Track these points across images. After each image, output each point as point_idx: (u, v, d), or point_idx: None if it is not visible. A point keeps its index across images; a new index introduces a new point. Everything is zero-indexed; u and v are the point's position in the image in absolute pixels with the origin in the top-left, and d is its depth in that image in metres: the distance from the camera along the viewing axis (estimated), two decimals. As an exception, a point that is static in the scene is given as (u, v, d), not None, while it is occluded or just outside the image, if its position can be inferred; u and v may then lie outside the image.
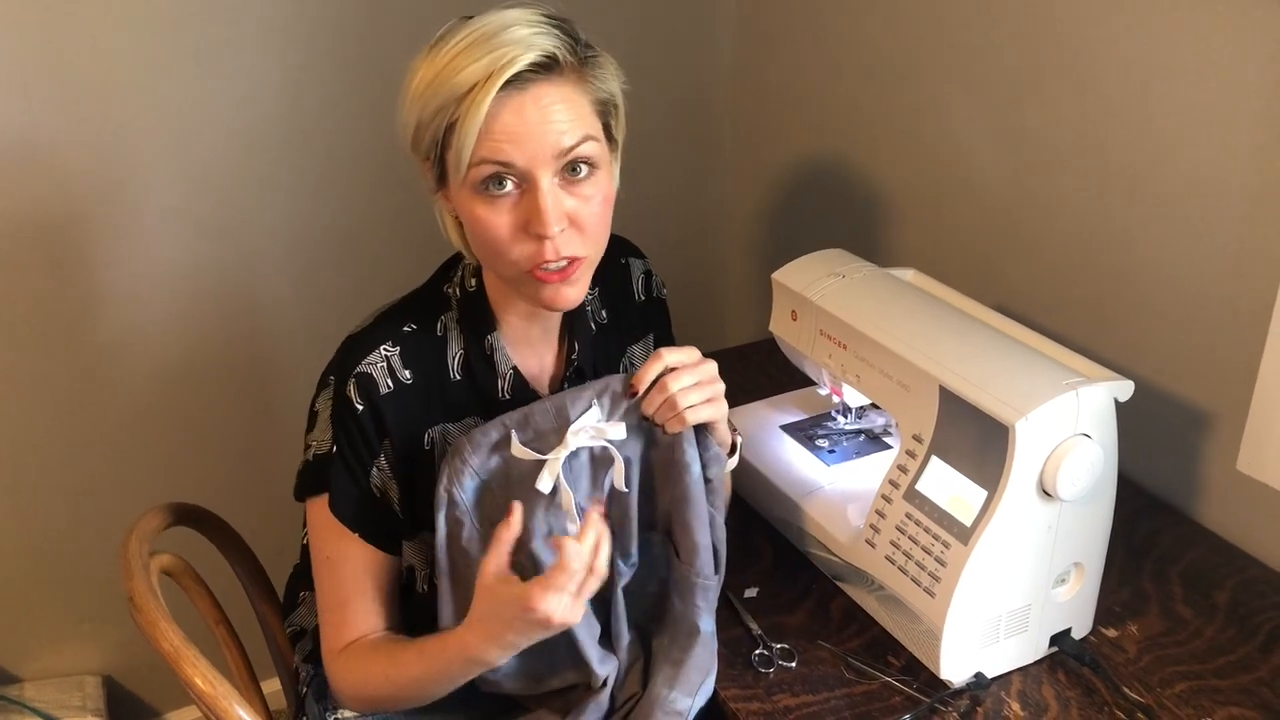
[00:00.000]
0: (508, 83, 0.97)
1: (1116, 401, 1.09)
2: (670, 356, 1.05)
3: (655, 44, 2.01)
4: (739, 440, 1.15)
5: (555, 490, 1.04)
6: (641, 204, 2.11)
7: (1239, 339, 1.28)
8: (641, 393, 1.05)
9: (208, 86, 1.68)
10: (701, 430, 1.08)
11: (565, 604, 0.97)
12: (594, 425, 1.04)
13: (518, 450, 1.03)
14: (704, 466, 1.08)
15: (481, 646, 1.03)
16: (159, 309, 1.77)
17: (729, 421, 1.12)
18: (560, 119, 1.00)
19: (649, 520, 1.11)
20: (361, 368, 1.09)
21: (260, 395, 1.89)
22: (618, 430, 1.05)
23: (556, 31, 1.01)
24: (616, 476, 1.06)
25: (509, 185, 1.01)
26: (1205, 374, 1.34)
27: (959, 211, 1.66)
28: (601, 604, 1.11)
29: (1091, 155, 1.42)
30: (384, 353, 1.10)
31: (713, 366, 1.07)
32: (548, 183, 1.00)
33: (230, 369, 1.86)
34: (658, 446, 1.08)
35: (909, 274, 1.35)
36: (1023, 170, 1.53)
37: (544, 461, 1.03)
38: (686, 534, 1.08)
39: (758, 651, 1.18)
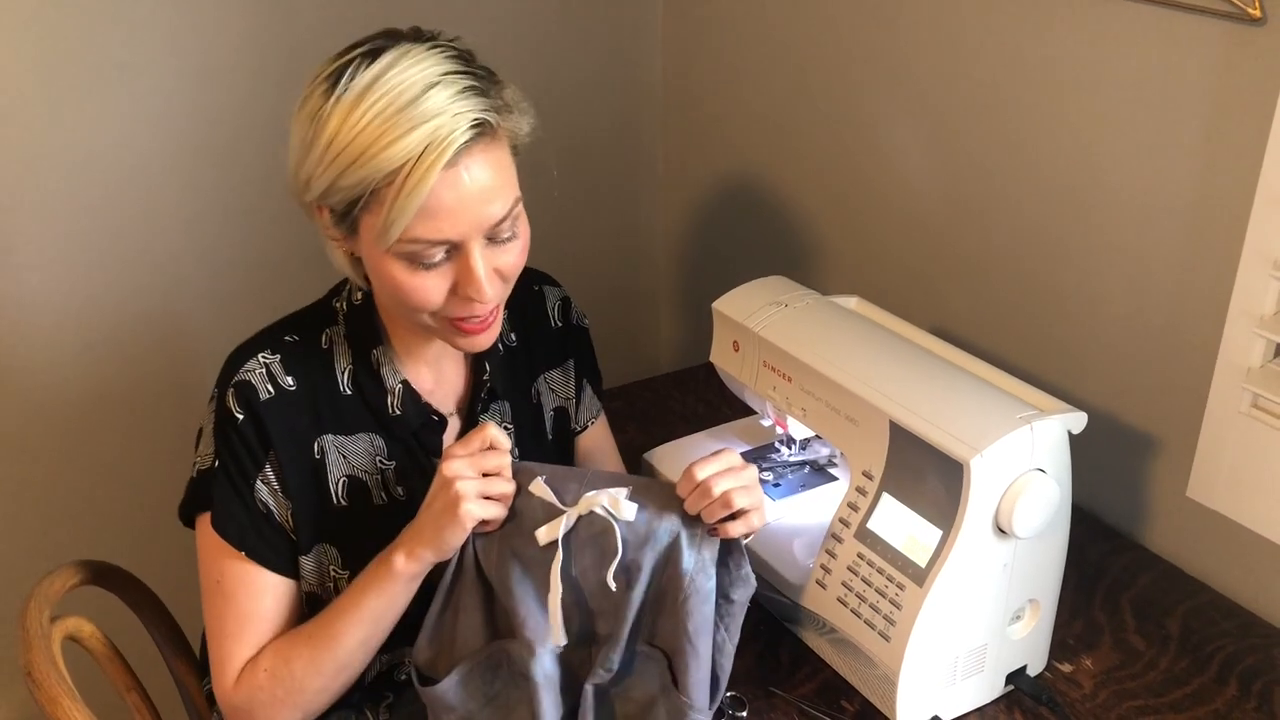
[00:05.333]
0: None
1: (1070, 433, 1.06)
2: (704, 470, 0.99)
3: (584, 65, 1.97)
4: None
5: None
6: (573, 227, 2.08)
7: (1187, 362, 1.27)
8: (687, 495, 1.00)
9: (108, 108, 1.60)
10: (736, 548, 1.02)
11: (465, 463, 0.98)
12: (610, 494, 1.00)
13: (537, 488, 1.01)
14: (730, 586, 1.02)
15: (403, 541, 1.02)
16: (59, 345, 1.67)
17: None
18: (491, 188, 0.97)
19: (644, 632, 1.03)
20: (240, 375, 1.05)
21: (173, 438, 1.79)
22: (629, 509, 1.00)
23: (473, 82, 0.96)
24: (609, 571, 1.00)
25: (439, 255, 0.98)
26: (1153, 398, 1.32)
27: (897, 234, 1.63)
28: (570, 694, 1.03)
29: (1029, 176, 1.40)
30: (263, 360, 1.06)
31: (753, 472, 1.03)
32: (479, 251, 0.99)
33: (141, 410, 1.76)
34: (676, 566, 1.00)
35: (852, 301, 1.31)
36: (960, 192, 1.51)
37: (553, 514, 1.00)
38: (698, 667, 1.00)
39: (707, 701, 1.13)
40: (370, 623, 1.03)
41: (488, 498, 0.99)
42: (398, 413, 1.10)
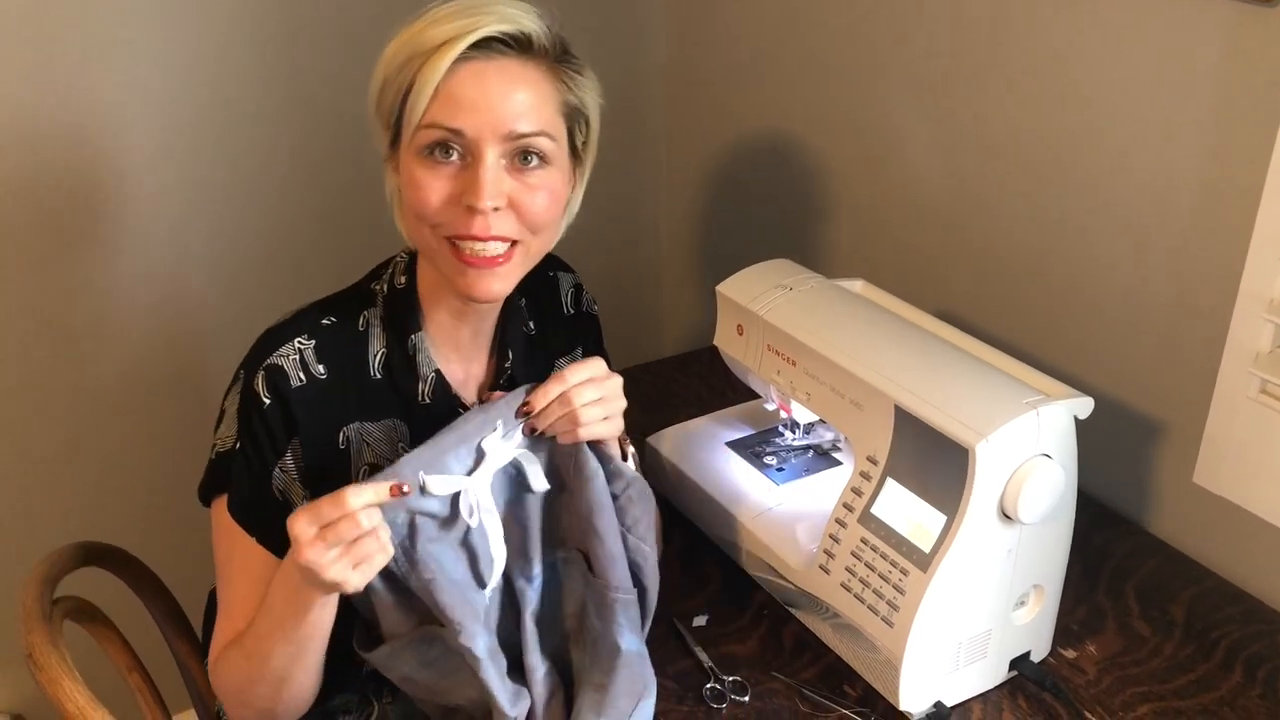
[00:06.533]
0: (478, 46, 0.97)
1: (1076, 419, 1.06)
2: (574, 375, 1.00)
3: (585, 42, 1.94)
4: (631, 453, 1.10)
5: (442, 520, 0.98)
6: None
7: (1195, 348, 1.26)
8: (537, 409, 0.99)
9: (121, 84, 1.58)
10: (594, 445, 1.03)
11: (321, 548, 0.88)
12: (500, 444, 0.99)
13: (436, 485, 0.95)
14: (609, 482, 1.03)
15: (294, 574, 0.94)
16: (59, 329, 1.67)
17: (622, 436, 1.07)
18: (521, 100, 0.98)
19: (556, 538, 1.05)
20: (272, 360, 1.03)
21: (175, 421, 1.79)
22: (515, 441, 1.00)
23: (544, 24, 1.00)
24: (534, 479, 1.00)
25: (454, 155, 0.98)
26: (1160, 384, 1.31)
27: (903, 217, 1.62)
28: (510, 642, 1.03)
29: (1037, 157, 1.39)
30: (298, 345, 1.05)
31: (618, 383, 1.02)
32: (492, 157, 0.98)
33: (143, 393, 1.76)
34: (559, 457, 1.03)
35: (858, 285, 1.31)
36: (967, 174, 1.49)
37: (459, 494, 0.97)
38: (601, 545, 1.01)
39: (709, 685, 1.13)
40: (297, 640, 0.98)
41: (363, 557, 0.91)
42: (427, 401, 1.09)
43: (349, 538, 0.89)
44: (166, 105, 1.63)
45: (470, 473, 0.98)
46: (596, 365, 1.01)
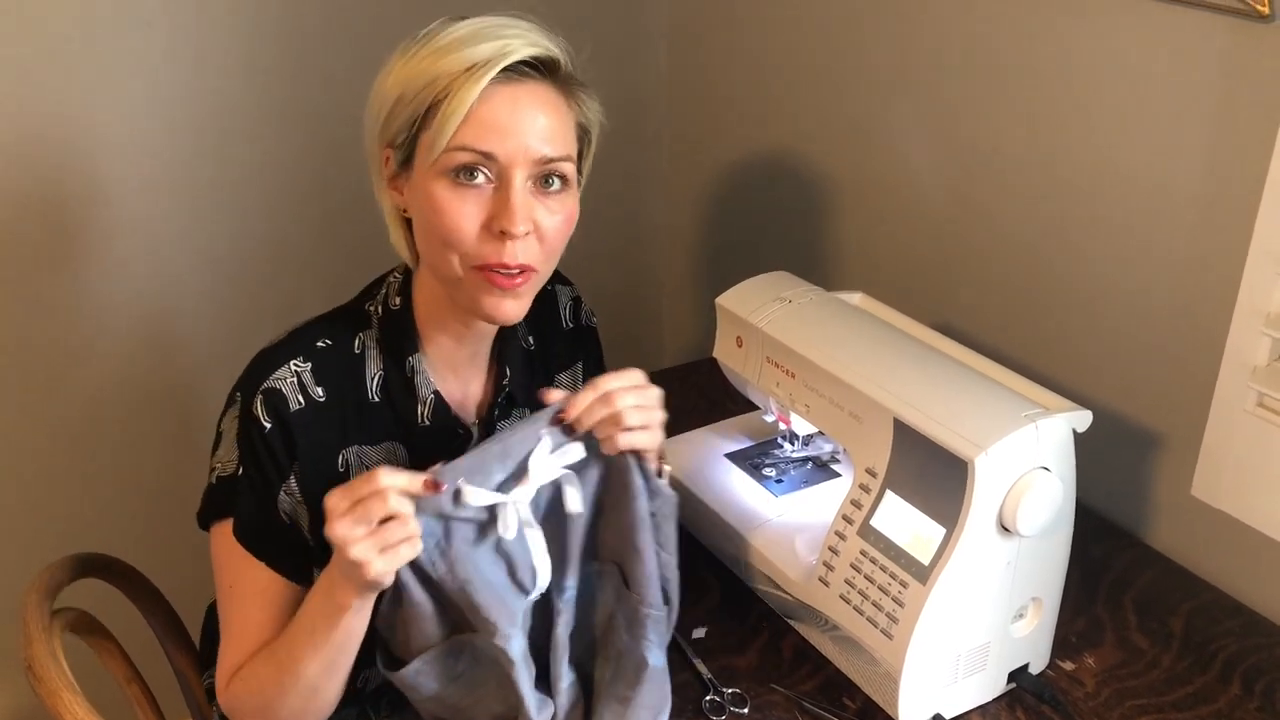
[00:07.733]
0: (508, 69, 0.97)
1: (1074, 431, 1.06)
2: (608, 382, 0.99)
3: (588, 53, 1.96)
4: (667, 470, 1.09)
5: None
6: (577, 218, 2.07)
7: (1193, 360, 1.26)
8: (572, 416, 0.98)
9: (109, 99, 1.59)
10: (642, 465, 1.02)
11: (348, 522, 0.87)
12: (550, 457, 0.98)
13: (474, 496, 0.94)
14: (649, 501, 1.02)
15: (331, 574, 0.94)
16: (57, 342, 1.67)
17: (661, 454, 1.06)
18: (548, 125, 0.99)
19: (591, 551, 1.05)
20: (270, 383, 1.03)
21: (170, 432, 1.79)
22: (576, 450, 0.98)
23: (559, 47, 1.03)
24: (570, 500, 0.99)
25: (480, 178, 0.98)
26: (1159, 396, 1.32)
27: (902, 230, 1.63)
28: (538, 648, 1.04)
29: (1036, 169, 1.39)
30: (294, 368, 1.04)
31: (656, 393, 1.02)
32: (521, 182, 0.98)
33: (138, 405, 1.75)
34: (605, 473, 1.03)
35: (856, 297, 1.31)
36: (967, 185, 1.50)
37: (497, 506, 0.96)
38: (640, 561, 1.02)
39: (709, 698, 1.13)
40: (330, 650, 0.98)
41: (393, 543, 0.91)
42: (426, 423, 1.08)
43: (377, 516, 0.88)
44: (155, 120, 1.63)
45: (509, 485, 0.97)
46: (635, 375, 1.00)
